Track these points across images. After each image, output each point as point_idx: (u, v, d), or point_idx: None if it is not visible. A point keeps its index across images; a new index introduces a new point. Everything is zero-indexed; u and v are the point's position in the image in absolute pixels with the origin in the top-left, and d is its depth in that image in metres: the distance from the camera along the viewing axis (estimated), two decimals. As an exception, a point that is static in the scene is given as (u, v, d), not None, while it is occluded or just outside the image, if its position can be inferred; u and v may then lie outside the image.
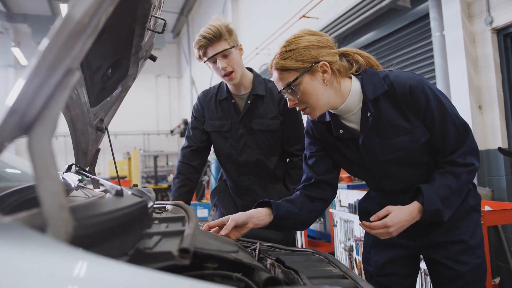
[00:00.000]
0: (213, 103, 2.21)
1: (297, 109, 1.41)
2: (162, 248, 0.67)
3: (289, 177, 2.17)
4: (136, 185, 1.23)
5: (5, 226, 0.43)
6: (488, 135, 3.55)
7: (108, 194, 0.81)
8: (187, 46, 13.60)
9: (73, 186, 1.22)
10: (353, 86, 1.41)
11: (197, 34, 2.02)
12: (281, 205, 1.49)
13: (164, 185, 12.71)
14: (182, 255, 0.62)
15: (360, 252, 3.38)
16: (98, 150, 1.72)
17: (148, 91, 15.23)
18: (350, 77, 1.44)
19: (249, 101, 2.11)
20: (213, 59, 2.00)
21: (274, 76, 1.38)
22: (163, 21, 1.39)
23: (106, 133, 1.61)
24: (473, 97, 3.56)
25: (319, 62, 1.31)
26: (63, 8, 9.48)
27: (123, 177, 12.27)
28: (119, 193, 0.77)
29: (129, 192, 0.85)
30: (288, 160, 2.23)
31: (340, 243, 3.73)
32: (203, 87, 11.71)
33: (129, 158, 13.09)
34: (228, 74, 2.02)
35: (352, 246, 3.53)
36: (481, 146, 3.54)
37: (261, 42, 7.53)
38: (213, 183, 8.75)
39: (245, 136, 2.14)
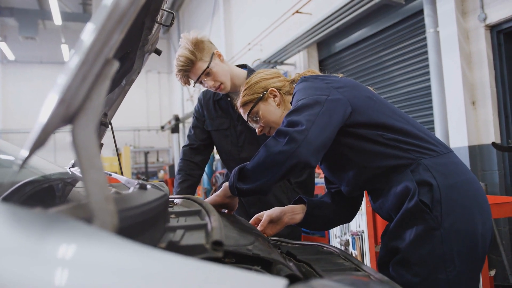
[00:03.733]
0: (211, 103, 2.23)
1: (266, 133, 1.59)
2: (190, 242, 0.67)
3: None
4: (145, 179, 1.22)
5: (55, 219, 0.42)
6: (481, 130, 3.60)
7: (131, 188, 0.80)
8: (177, 41, 13.49)
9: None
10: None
11: (174, 66, 2.03)
12: (314, 199, 1.60)
13: (155, 181, 12.63)
14: (215, 247, 0.62)
15: (357, 246, 3.41)
16: (101, 145, 1.70)
17: (138, 87, 15.08)
18: None
19: None
20: (198, 81, 2.03)
21: (241, 113, 1.61)
22: (171, 14, 1.38)
23: (110, 127, 1.59)
24: (467, 93, 3.60)
25: (267, 90, 1.53)
26: (52, 3, 9.31)
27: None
28: (143, 187, 0.76)
29: (149, 186, 0.85)
30: None
31: (336, 238, 3.75)
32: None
33: (120, 154, 12.96)
34: (218, 88, 2.03)
35: (348, 241, 3.56)
36: (474, 141, 3.60)
37: (253, 37, 7.51)
38: (205, 179, 8.73)
39: (244, 133, 2.14)
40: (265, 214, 1.46)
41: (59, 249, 0.38)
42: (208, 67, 1.96)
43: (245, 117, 1.59)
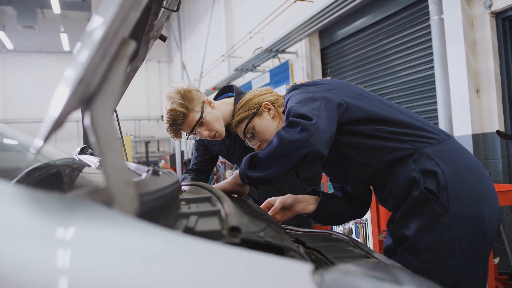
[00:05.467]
0: None
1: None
2: (205, 227, 0.66)
3: None
4: (154, 167, 1.21)
5: (75, 202, 0.41)
6: (485, 118, 3.58)
7: (144, 174, 0.79)
8: (177, 30, 13.40)
9: (94, 167, 1.20)
10: None
11: (164, 120, 1.94)
12: (327, 192, 1.59)
13: (156, 170, 12.64)
14: (232, 233, 0.61)
15: (360, 234, 3.42)
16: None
17: (138, 76, 14.92)
18: None
19: None
20: (192, 133, 1.96)
21: (238, 132, 1.62)
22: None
23: (116, 115, 1.58)
24: (471, 81, 3.57)
25: (262, 105, 1.55)
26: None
27: (114, 163, 12.21)
28: (155, 173, 0.75)
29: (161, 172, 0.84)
30: None
31: (339, 226, 3.76)
32: (194, 71, 11.58)
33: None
34: (213, 136, 1.97)
35: (351, 229, 3.57)
36: (478, 130, 3.58)
37: (254, 26, 7.44)
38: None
39: (243, 155, 2.13)
40: (278, 200, 1.46)
41: (81, 233, 0.37)
42: (201, 117, 1.89)
43: (241, 135, 1.60)
